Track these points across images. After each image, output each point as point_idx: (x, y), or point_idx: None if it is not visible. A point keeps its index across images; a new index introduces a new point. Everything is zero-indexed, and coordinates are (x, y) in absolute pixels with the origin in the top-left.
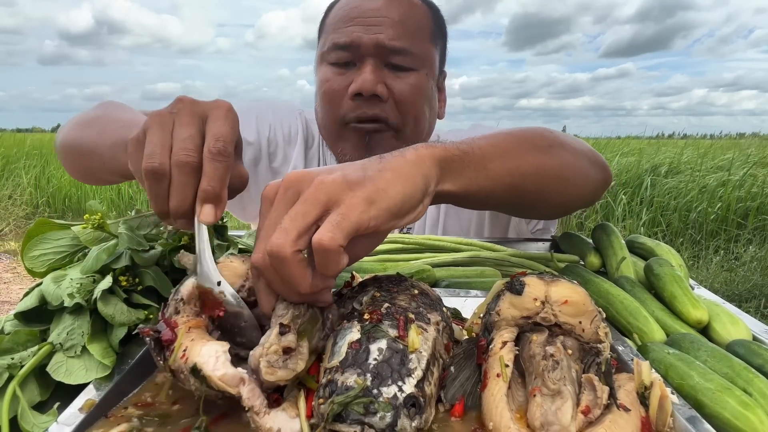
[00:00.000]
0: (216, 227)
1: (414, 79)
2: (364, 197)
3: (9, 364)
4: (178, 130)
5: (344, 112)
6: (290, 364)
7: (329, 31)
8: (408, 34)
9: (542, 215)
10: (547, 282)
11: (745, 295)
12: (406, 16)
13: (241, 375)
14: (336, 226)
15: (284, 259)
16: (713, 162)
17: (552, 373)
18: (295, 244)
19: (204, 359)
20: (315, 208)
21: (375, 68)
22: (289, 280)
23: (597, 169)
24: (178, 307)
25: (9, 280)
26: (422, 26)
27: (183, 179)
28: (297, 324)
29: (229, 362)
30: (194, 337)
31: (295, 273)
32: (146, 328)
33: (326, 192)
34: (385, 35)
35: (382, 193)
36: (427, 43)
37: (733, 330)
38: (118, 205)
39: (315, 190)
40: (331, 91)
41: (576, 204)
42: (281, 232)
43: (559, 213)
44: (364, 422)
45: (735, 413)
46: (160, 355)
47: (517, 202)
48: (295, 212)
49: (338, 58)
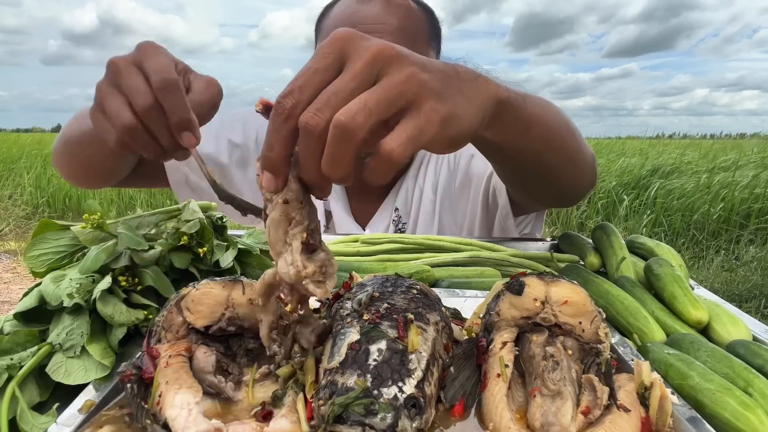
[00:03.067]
0: (215, 227)
1: None
2: (444, 116)
3: (8, 364)
4: (125, 85)
5: None
6: (329, 280)
7: (327, 34)
8: (407, 39)
9: (538, 195)
10: (547, 282)
11: (746, 295)
12: (405, 22)
13: (215, 427)
14: (410, 140)
15: (352, 139)
16: (715, 162)
17: (552, 374)
18: (370, 130)
19: (175, 413)
20: (400, 101)
21: None
22: (335, 159)
23: (594, 169)
24: (160, 335)
25: (9, 280)
26: (420, 31)
27: (154, 123)
28: (313, 234)
29: (201, 415)
30: (169, 378)
31: (348, 156)
32: (127, 371)
33: (416, 90)
34: (384, 39)
35: (456, 120)
36: (424, 46)
37: (733, 330)
38: (118, 205)
39: (407, 82)
40: None
41: (570, 195)
42: (365, 112)
43: (552, 198)
44: (365, 423)
45: (735, 413)
46: (144, 398)
47: (533, 171)
48: (382, 97)
49: None
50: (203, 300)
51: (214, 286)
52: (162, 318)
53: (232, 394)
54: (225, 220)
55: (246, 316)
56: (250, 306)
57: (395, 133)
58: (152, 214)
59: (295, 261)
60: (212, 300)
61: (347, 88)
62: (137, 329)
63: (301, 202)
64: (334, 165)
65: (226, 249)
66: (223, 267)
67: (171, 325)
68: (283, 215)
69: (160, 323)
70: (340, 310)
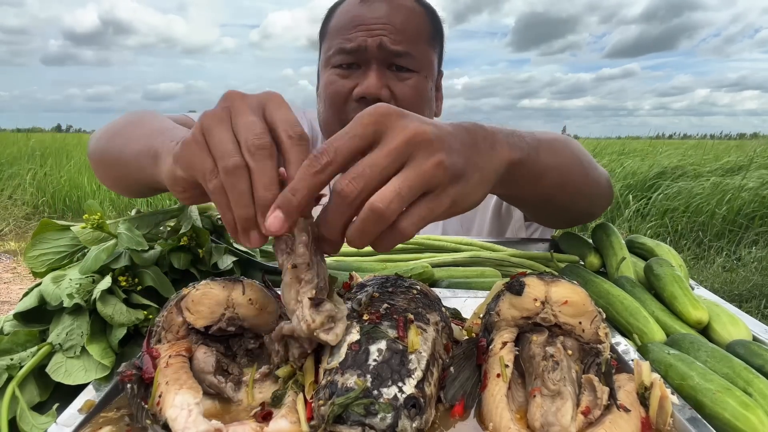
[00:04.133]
0: (215, 227)
1: (414, 82)
2: (453, 198)
3: (8, 364)
4: (240, 121)
5: (347, 114)
6: (339, 324)
7: (333, 36)
8: (409, 38)
9: (553, 223)
10: (547, 282)
11: (746, 295)
12: (407, 21)
13: (215, 428)
14: (422, 219)
15: (384, 222)
16: (719, 164)
17: (552, 374)
18: (398, 212)
19: (175, 413)
20: (426, 187)
21: (379, 72)
22: (363, 234)
23: (609, 190)
24: (160, 335)
25: (9, 280)
26: (422, 31)
27: (263, 165)
28: (321, 291)
29: (201, 416)
30: (169, 378)
31: (375, 234)
32: (127, 371)
33: (440, 178)
34: (388, 39)
35: (465, 198)
36: (427, 46)
37: (733, 330)
38: (118, 205)
39: (435, 170)
40: (335, 94)
41: (586, 219)
42: (398, 199)
43: (567, 224)
44: (364, 423)
45: (735, 414)
46: (144, 398)
47: (544, 209)
48: (413, 184)
49: (343, 61)
50: (203, 300)
51: (214, 287)
52: (162, 318)
53: (232, 395)
54: None
55: (246, 317)
56: (250, 306)
57: (411, 215)
58: (152, 214)
59: (304, 316)
60: (212, 300)
61: (381, 164)
62: (137, 329)
63: (308, 264)
64: (361, 238)
65: (225, 252)
66: (222, 269)
67: (171, 326)
68: (293, 278)
69: (160, 323)
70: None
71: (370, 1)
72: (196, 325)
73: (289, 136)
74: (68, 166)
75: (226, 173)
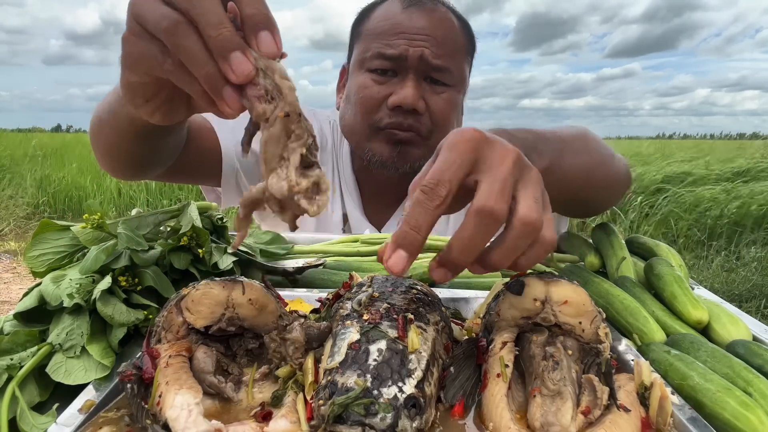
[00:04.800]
0: (215, 227)
1: (449, 96)
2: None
3: (8, 364)
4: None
5: (379, 119)
6: (323, 196)
7: (371, 38)
8: (449, 53)
9: (572, 214)
10: (547, 282)
11: (746, 295)
12: (449, 36)
13: (215, 428)
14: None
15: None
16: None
17: (552, 374)
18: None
19: (176, 413)
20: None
21: (416, 83)
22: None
23: (628, 176)
24: (160, 335)
25: (9, 280)
26: (460, 46)
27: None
28: (311, 150)
29: (201, 416)
30: (169, 378)
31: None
32: (127, 371)
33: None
34: (430, 51)
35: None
36: (463, 61)
37: (733, 330)
38: (118, 205)
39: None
40: (369, 98)
41: (606, 208)
42: (537, 205)
43: (589, 215)
44: (365, 423)
45: (735, 414)
46: (144, 398)
47: (566, 205)
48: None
49: (380, 66)
50: (203, 300)
51: (214, 287)
52: (162, 318)
53: (232, 395)
54: (225, 221)
55: (246, 317)
56: (250, 306)
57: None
58: (152, 214)
59: (289, 175)
60: (212, 300)
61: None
62: (137, 329)
63: (300, 114)
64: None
65: (225, 251)
66: (222, 269)
67: (171, 326)
68: (283, 130)
69: (160, 323)
70: (340, 310)
71: (413, 10)
72: (196, 325)
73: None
74: (69, 166)
75: (168, 36)
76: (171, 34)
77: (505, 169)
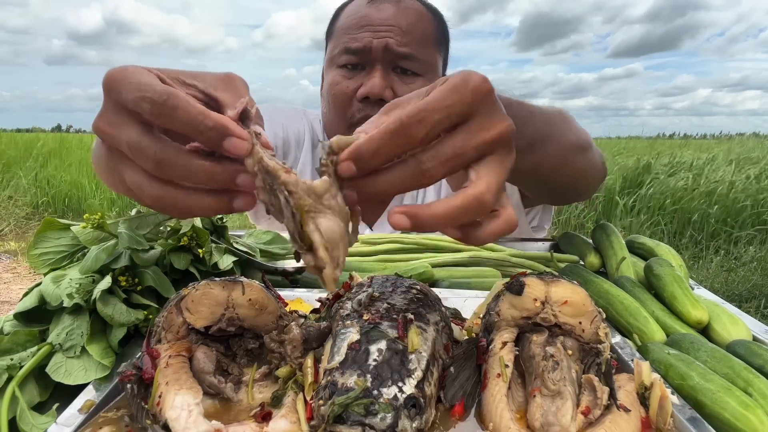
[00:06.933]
0: (215, 227)
1: (419, 85)
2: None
3: (8, 364)
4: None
5: (351, 114)
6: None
7: (339, 35)
8: (415, 41)
9: (549, 200)
10: (547, 282)
11: (745, 295)
12: (414, 24)
13: (215, 428)
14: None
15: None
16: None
17: (552, 374)
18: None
19: (176, 414)
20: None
21: (383, 73)
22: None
23: (603, 167)
24: (160, 336)
25: (9, 280)
26: (428, 34)
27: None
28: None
29: (201, 416)
30: (169, 379)
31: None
32: (127, 371)
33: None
34: (394, 41)
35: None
36: (432, 50)
37: (733, 330)
38: (119, 205)
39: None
40: (339, 94)
41: (582, 197)
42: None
43: (564, 200)
44: (365, 423)
45: (735, 414)
46: (144, 399)
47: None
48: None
49: (348, 61)
50: (203, 300)
51: (214, 287)
52: (162, 318)
53: (232, 395)
54: (225, 221)
55: (246, 317)
56: (250, 306)
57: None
58: (152, 214)
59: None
60: (212, 300)
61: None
62: (137, 329)
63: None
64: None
65: (225, 251)
66: (222, 269)
67: (171, 326)
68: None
69: (160, 323)
70: (340, 310)
71: (377, 3)
72: (196, 326)
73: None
74: (69, 166)
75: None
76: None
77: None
